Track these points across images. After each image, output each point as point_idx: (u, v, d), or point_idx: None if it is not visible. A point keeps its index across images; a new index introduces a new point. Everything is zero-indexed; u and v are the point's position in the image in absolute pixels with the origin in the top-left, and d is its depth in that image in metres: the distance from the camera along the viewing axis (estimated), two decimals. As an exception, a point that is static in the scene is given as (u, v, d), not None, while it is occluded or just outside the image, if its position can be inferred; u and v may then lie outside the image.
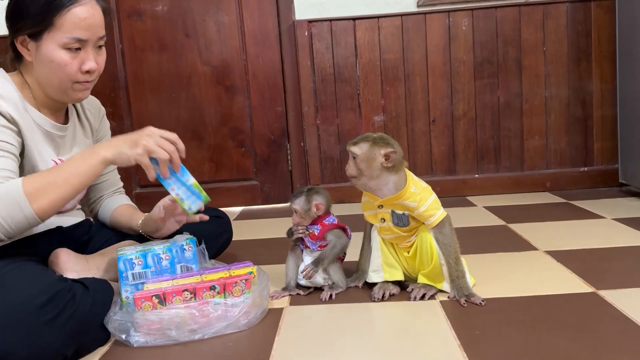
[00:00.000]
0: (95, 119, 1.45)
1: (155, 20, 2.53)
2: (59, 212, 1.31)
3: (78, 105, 1.39)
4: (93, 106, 1.45)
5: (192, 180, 1.18)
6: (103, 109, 1.49)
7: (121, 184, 1.53)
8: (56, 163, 1.24)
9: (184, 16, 2.52)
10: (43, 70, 1.19)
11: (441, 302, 1.22)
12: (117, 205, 1.44)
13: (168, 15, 2.52)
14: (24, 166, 1.20)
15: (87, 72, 1.20)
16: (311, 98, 2.52)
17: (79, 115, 1.40)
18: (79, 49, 1.17)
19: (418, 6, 2.45)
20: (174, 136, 1.17)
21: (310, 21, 2.47)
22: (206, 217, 1.32)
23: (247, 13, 2.51)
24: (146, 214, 1.36)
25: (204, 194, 1.19)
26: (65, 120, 1.33)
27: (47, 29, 1.14)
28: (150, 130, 1.13)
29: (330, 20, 2.47)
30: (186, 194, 1.18)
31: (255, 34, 2.53)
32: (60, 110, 1.31)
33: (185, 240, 1.26)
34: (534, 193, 2.48)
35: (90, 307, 1.05)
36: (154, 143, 1.11)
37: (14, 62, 1.25)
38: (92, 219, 1.49)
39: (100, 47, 1.23)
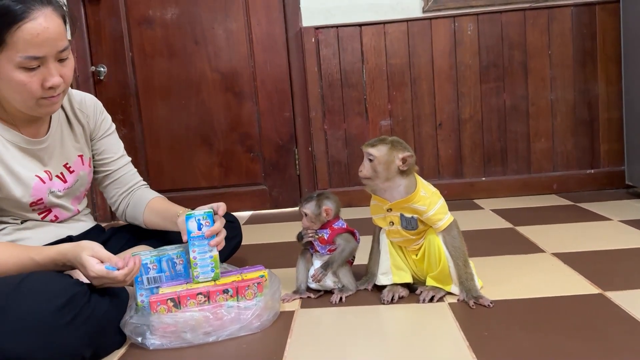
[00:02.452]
0: (90, 119, 1.37)
1: (165, 28, 2.57)
2: (62, 220, 1.33)
3: (67, 108, 1.32)
4: (86, 106, 1.36)
5: (215, 253, 1.22)
6: (99, 104, 1.40)
7: (141, 177, 1.48)
8: (40, 179, 1.22)
9: (193, 24, 2.56)
10: (4, 88, 1.11)
11: (450, 304, 1.24)
12: (151, 198, 1.40)
13: (177, 23, 2.56)
14: None
15: (51, 87, 1.11)
16: (318, 103, 2.54)
17: (69, 119, 1.33)
18: (38, 66, 1.08)
19: (424, 12, 2.47)
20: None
21: (317, 28, 2.50)
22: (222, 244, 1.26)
23: (255, 20, 2.55)
24: (184, 208, 1.32)
25: (217, 271, 1.22)
26: (48, 130, 1.26)
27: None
28: (94, 273, 1.05)
29: (337, 26, 2.50)
30: (202, 263, 1.21)
31: (263, 41, 2.56)
32: (39, 121, 1.24)
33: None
34: (540, 195, 2.49)
35: (106, 310, 1.07)
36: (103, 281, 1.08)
37: None
38: (117, 217, 1.45)
39: (62, 59, 1.13)
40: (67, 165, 1.31)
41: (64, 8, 1.14)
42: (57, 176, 1.27)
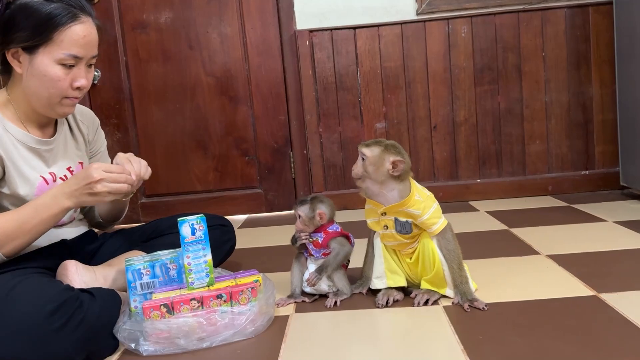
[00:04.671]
0: (89, 130, 1.45)
1: (159, 32, 2.56)
2: (60, 225, 1.33)
3: (70, 117, 1.39)
4: (86, 118, 1.45)
5: (209, 257, 1.21)
6: (97, 120, 1.50)
7: None
8: (45, 179, 1.25)
9: (188, 28, 2.56)
10: (33, 83, 1.19)
11: (444, 307, 1.24)
12: None
13: (172, 28, 2.56)
14: (4, 191, 1.21)
15: (78, 88, 1.22)
16: (313, 106, 2.54)
17: (71, 128, 1.40)
18: (72, 65, 1.19)
19: (418, 14, 2.47)
20: (120, 168, 1.18)
21: (311, 31, 2.50)
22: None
23: (249, 24, 2.55)
24: None
25: (211, 277, 1.21)
26: (53, 134, 1.32)
27: (44, 43, 1.15)
28: (97, 173, 1.12)
29: (331, 29, 2.50)
30: (197, 268, 1.20)
31: (257, 45, 2.56)
32: (47, 124, 1.31)
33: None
34: (536, 197, 2.50)
35: (98, 315, 1.07)
36: (108, 184, 1.13)
37: (1, 75, 1.25)
38: (93, 227, 1.50)
39: (90, 65, 1.25)
40: (70, 169, 1.33)
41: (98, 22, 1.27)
42: (60, 178, 1.29)
